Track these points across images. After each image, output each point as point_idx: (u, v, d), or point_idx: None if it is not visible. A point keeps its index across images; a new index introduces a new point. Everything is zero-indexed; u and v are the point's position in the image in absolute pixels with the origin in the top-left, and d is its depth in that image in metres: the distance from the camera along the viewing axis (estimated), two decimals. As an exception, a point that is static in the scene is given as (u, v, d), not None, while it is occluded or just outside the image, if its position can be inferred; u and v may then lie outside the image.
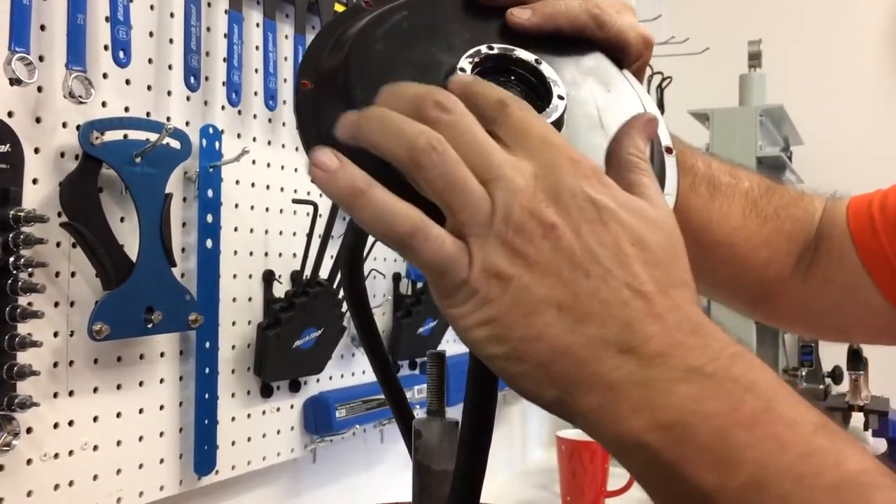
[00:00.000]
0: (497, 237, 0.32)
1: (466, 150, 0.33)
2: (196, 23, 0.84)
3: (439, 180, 0.33)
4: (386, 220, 0.33)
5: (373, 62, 0.39)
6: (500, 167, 0.33)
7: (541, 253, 0.32)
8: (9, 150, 0.66)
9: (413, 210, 0.33)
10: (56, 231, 0.71)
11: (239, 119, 0.93)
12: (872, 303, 0.61)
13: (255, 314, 0.95)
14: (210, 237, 0.87)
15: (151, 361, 0.82)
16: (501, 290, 0.32)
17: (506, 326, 0.32)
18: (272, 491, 1.01)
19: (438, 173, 0.33)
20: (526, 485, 1.51)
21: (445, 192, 0.33)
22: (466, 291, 0.32)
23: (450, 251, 0.32)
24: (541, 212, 0.32)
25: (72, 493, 0.73)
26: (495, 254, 0.32)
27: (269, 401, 0.97)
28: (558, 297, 0.31)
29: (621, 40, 0.44)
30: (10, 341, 0.66)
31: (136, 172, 0.76)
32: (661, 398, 0.30)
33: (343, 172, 0.33)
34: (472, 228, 0.32)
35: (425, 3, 0.44)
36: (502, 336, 0.32)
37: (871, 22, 2.16)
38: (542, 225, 0.32)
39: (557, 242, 0.32)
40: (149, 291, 0.77)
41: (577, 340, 0.31)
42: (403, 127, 0.33)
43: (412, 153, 0.33)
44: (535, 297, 0.31)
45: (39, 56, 0.70)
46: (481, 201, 0.32)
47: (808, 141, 1.98)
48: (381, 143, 0.34)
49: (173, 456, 0.84)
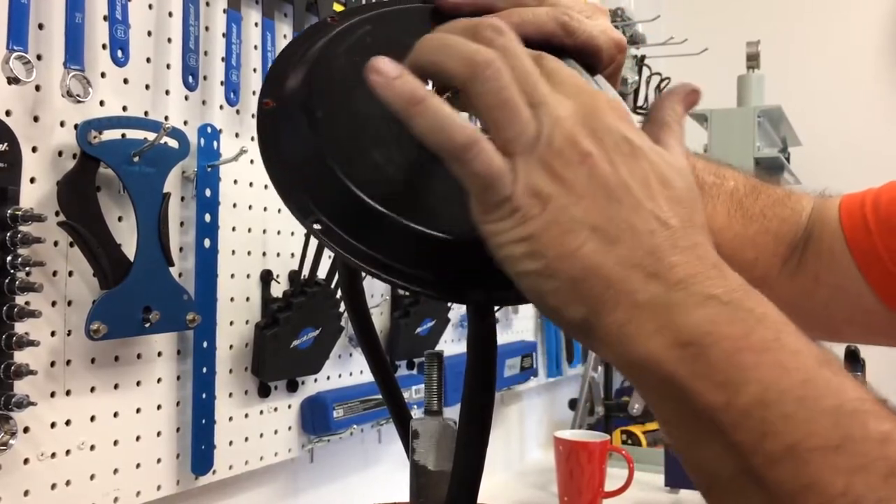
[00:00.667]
0: (540, 158, 0.34)
1: (517, 72, 0.35)
2: (194, 22, 0.84)
3: (492, 96, 0.34)
4: (444, 129, 0.34)
5: (334, 78, 0.39)
6: (546, 95, 0.35)
7: (578, 177, 0.34)
8: (6, 148, 0.66)
9: (467, 122, 0.34)
10: (54, 230, 0.71)
11: (237, 118, 0.93)
12: (864, 303, 0.61)
13: (252, 314, 0.95)
14: (208, 237, 0.87)
15: (149, 361, 0.82)
16: (541, 207, 0.34)
17: (542, 244, 0.33)
18: (270, 491, 1.01)
19: (493, 87, 0.34)
20: (523, 485, 1.51)
21: (497, 108, 0.34)
22: (508, 207, 0.34)
23: (498, 165, 0.34)
24: (579, 141, 0.34)
25: (69, 492, 0.73)
26: (537, 174, 0.34)
27: (267, 400, 0.97)
28: (593, 219, 0.33)
29: (591, 46, 0.44)
30: (7, 340, 0.65)
31: (134, 172, 0.76)
32: (681, 319, 0.32)
33: (403, 79, 0.34)
34: (518, 146, 0.34)
35: (390, 17, 0.44)
36: (538, 252, 0.34)
37: (870, 23, 2.16)
38: (580, 153, 0.34)
39: (593, 170, 0.34)
40: (146, 291, 0.76)
41: (608, 261, 0.33)
42: (461, 43, 0.35)
43: (470, 67, 0.34)
44: (571, 216, 0.33)
45: (37, 55, 0.70)
46: (529, 121, 0.34)
47: (807, 142, 1.98)
48: (440, 59, 0.35)
49: (171, 455, 0.84)
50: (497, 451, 1.57)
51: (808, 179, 1.94)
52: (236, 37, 0.89)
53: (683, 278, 0.33)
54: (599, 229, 0.33)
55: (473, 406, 0.40)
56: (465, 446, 0.41)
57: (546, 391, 1.81)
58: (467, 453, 0.41)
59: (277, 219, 0.99)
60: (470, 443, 0.40)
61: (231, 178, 0.92)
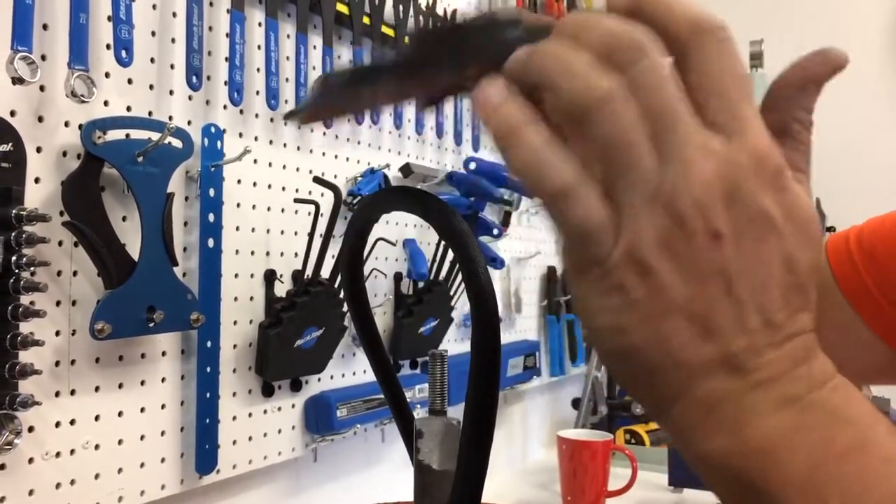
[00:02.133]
0: (653, 218, 0.28)
1: (651, 109, 0.29)
2: (198, 22, 0.84)
3: (607, 136, 0.29)
4: (536, 169, 0.29)
5: None
6: (684, 142, 0.29)
7: (695, 256, 0.29)
8: (11, 148, 0.66)
9: (569, 162, 0.29)
10: (58, 230, 0.71)
11: (241, 118, 0.93)
12: (857, 336, 0.62)
13: (256, 313, 0.95)
14: (212, 236, 0.87)
15: (153, 360, 0.82)
16: (639, 280, 0.29)
17: (630, 321, 0.30)
18: (273, 490, 1.01)
19: (609, 129, 0.29)
20: (527, 484, 1.51)
21: (610, 148, 0.29)
22: (602, 271, 0.30)
23: (597, 220, 0.29)
24: (711, 213, 0.28)
25: (73, 492, 0.73)
26: (646, 238, 0.29)
27: (271, 400, 0.97)
28: (695, 307, 0.29)
29: None
30: (11, 340, 0.66)
31: (138, 171, 0.76)
32: (753, 425, 0.29)
33: (504, 109, 0.30)
34: (630, 197, 0.29)
35: None
36: (623, 328, 0.30)
37: (872, 22, 2.16)
38: (708, 229, 0.28)
39: (715, 252, 0.29)
40: (150, 291, 0.77)
41: (695, 357, 0.29)
42: (583, 67, 0.29)
43: (585, 99, 0.29)
44: (672, 300, 0.29)
45: (42, 55, 0.70)
46: (649, 171, 0.29)
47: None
48: (555, 81, 0.29)
49: (175, 455, 0.84)
50: (500, 451, 1.57)
51: (810, 178, 1.94)
52: (240, 37, 0.89)
53: (767, 379, 0.30)
54: (697, 319, 0.29)
55: (477, 405, 0.40)
56: (468, 446, 0.41)
57: (549, 390, 1.81)
58: (471, 453, 0.41)
59: (281, 218, 0.99)
60: (474, 442, 0.40)
61: (235, 178, 0.92)
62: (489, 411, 0.40)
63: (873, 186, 2.01)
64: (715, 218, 0.28)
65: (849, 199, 1.56)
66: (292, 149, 1.01)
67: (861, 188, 1.93)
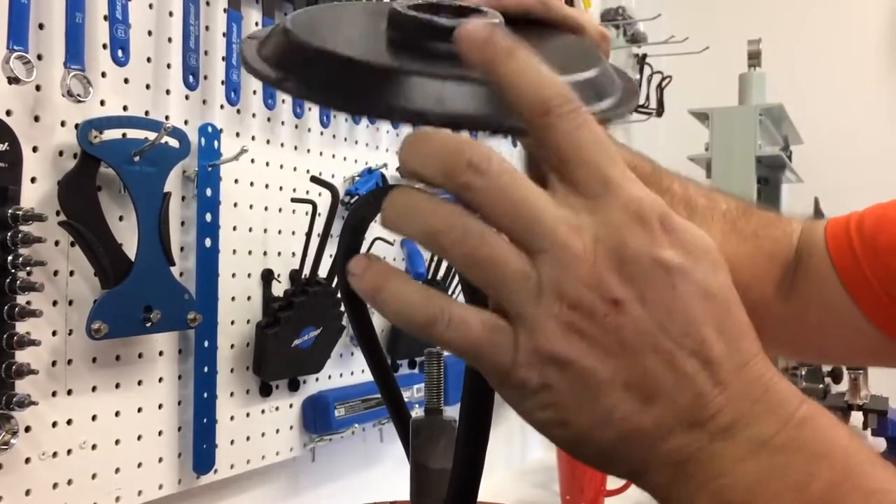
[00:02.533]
0: (548, 316, 0.28)
1: (505, 217, 0.29)
2: (195, 21, 0.84)
3: (462, 261, 0.29)
4: (405, 314, 0.30)
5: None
6: (551, 234, 0.29)
7: (604, 332, 0.29)
8: (7, 148, 0.66)
9: (431, 297, 0.30)
10: (54, 230, 0.71)
11: (238, 118, 0.93)
12: (853, 323, 0.62)
13: (254, 313, 0.95)
14: (209, 236, 0.87)
15: (150, 360, 0.82)
16: (560, 373, 0.29)
17: (569, 412, 0.30)
18: (271, 490, 1.01)
19: (460, 254, 0.29)
20: (525, 483, 1.51)
21: (472, 271, 0.29)
22: (516, 378, 0.29)
23: (476, 335, 0.29)
24: (604, 285, 0.28)
25: (70, 491, 0.73)
26: (548, 334, 0.28)
27: (268, 400, 0.97)
28: (624, 377, 0.29)
29: (574, 22, 0.44)
30: (8, 340, 0.65)
31: (135, 171, 0.76)
32: (728, 476, 0.29)
33: (366, 273, 0.31)
34: (513, 307, 0.29)
35: None
36: (566, 421, 0.30)
37: (872, 21, 2.16)
38: (605, 300, 0.28)
39: (623, 318, 0.28)
40: (147, 290, 0.76)
41: (646, 421, 0.29)
42: (418, 208, 0.30)
43: (431, 237, 0.29)
44: (599, 380, 0.29)
45: (38, 55, 0.70)
46: (521, 278, 0.29)
47: (808, 140, 1.98)
48: (404, 228, 0.30)
49: (172, 455, 0.84)
50: (498, 450, 1.57)
51: (810, 177, 1.95)
52: (237, 36, 0.89)
53: (729, 424, 0.29)
54: (632, 386, 0.29)
55: (474, 404, 0.40)
56: (465, 444, 0.40)
57: (548, 390, 1.81)
58: (468, 451, 0.40)
59: (278, 218, 0.99)
60: (470, 441, 0.40)
61: (232, 178, 0.92)
62: (485, 410, 0.40)
63: (873, 185, 2.01)
64: (608, 286, 0.28)
65: (849, 199, 1.55)
66: (289, 148, 1.01)
67: (860, 187, 1.93)
